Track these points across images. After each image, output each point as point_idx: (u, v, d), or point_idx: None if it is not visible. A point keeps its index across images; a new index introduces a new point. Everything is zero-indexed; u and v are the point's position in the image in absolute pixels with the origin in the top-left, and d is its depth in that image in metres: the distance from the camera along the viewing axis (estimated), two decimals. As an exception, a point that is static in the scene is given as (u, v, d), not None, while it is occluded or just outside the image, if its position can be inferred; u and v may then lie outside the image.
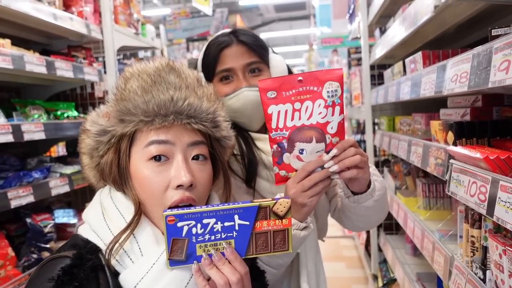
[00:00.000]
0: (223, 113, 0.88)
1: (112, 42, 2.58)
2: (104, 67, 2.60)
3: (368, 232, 3.23)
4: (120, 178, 0.80)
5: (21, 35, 2.21)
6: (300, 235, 0.96)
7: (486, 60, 0.94)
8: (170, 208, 0.75)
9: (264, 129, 1.24)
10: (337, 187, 1.11)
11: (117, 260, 0.75)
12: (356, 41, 4.86)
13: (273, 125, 0.93)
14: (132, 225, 0.75)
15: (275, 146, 0.95)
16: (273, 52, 1.23)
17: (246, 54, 1.14)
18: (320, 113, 0.91)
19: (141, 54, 4.81)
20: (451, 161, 1.18)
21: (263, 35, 13.41)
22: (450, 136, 1.25)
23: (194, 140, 0.80)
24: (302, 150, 0.93)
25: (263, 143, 1.18)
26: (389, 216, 2.88)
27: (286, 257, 1.04)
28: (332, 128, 0.92)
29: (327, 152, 0.92)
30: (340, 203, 1.15)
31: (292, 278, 1.24)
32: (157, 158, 0.77)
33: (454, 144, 1.22)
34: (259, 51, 1.16)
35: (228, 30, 1.21)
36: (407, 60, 1.83)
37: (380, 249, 2.90)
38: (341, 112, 0.92)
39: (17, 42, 1.90)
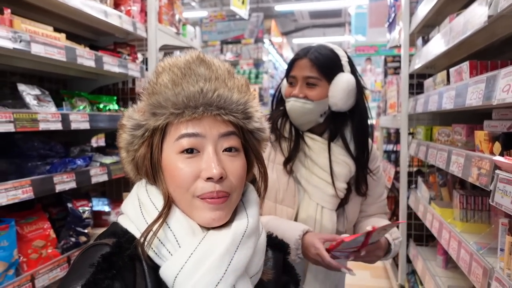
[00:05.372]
0: (255, 104, 0.85)
1: (155, 40, 2.67)
2: (146, 64, 2.69)
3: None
4: (152, 171, 0.81)
5: (72, 30, 2.33)
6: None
7: (542, 71, 0.93)
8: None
9: (311, 131, 1.45)
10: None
11: (155, 252, 0.74)
12: (391, 50, 4.78)
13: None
14: (164, 215, 0.75)
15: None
16: (351, 72, 1.38)
17: (308, 68, 1.35)
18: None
19: (177, 54, 4.94)
20: (497, 171, 1.16)
21: (295, 41, 13.41)
22: (497, 146, 1.23)
23: (225, 131, 0.78)
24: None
25: (310, 140, 1.42)
26: (420, 227, 2.83)
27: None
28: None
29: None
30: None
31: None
32: (188, 150, 0.77)
33: (501, 154, 1.20)
34: (321, 68, 1.34)
35: (314, 45, 1.41)
36: (451, 70, 1.81)
37: (408, 260, 2.85)
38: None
39: (68, 36, 2.00)
